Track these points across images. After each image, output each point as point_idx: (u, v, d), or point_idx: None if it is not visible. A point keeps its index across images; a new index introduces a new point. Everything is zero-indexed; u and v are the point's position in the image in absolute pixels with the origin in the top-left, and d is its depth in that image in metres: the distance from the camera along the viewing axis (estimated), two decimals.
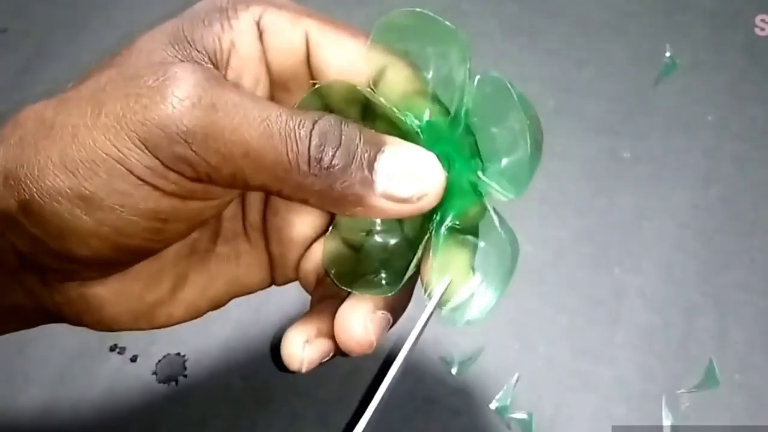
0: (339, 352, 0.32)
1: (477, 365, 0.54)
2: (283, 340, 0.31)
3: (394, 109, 0.30)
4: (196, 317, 0.34)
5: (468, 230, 0.31)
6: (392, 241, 0.34)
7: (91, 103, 0.26)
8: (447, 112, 0.30)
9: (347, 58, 0.31)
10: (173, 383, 0.53)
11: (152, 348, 0.55)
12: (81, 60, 0.73)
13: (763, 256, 0.58)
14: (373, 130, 0.28)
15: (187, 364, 0.54)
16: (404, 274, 0.31)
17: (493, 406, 0.52)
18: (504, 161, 0.29)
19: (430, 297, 0.31)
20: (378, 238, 0.34)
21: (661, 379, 0.53)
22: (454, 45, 0.30)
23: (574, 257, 0.59)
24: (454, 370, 0.54)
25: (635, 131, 0.65)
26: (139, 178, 0.26)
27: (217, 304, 0.35)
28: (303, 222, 0.34)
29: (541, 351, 0.54)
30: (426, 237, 0.31)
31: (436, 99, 0.30)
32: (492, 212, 0.30)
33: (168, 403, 0.53)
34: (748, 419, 0.51)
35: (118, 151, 0.26)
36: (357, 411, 0.30)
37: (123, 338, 0.55)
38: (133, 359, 0.55)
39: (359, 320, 0.30)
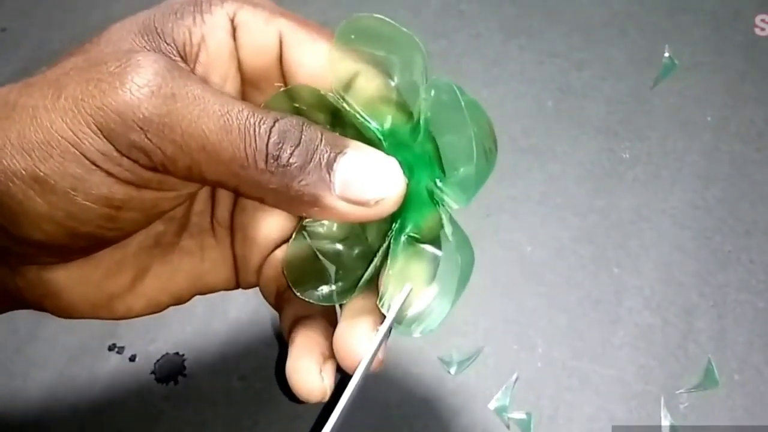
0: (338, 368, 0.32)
1: (475, 365, 0.54)
2: (294, 374, 0.31)
3: (358, 115, 0.30)
4: (156, 311, 0.34)
5: (429, 240, 0.31)
6: (355, 251, 0.33)
7: (53, 86, 0.26)
8: (409, 116, 0.30)
9: (319, 61, 0.31)
10: (172, 383, 0.53)
11: (151, 347, 0.55)
12: None
13: (762, 257, 0.58)
14: (335, 134, 0.28)
15: (186, 364, 0.54)
16: (356, 283, 0.31)
17: (491, 406, 0.52)
18: (461, 170, 0.29)
19: (384, 306, 0.30)
20: (340, 246, 0.33)
21: (660, 379, 0.53)
22: (416, 52, 0.29)
23: (573, 257, 0.59)
24: (452, 370, 0.54)
25: (634, 132, 0.65)
26: (92, 162, 0.26)
27: (179, 300, 0.34)
28: (269, 223, 0.34)
29: (540, 351, 0.54)
30: (384, 245, 0.31)
31: (400, 106, 0.30)
32: (446, 221, 0.30)
33: (167, 403, 0.53)
34: (747, 419, 0.51)
35: (74, 134, 0.25)
36: (317, 423, 0.29)
37: (122, 338, 0.55)
38: (132, 359, 0.55)
39: (362, 342, 0.30)
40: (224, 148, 0.26)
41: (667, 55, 0.68)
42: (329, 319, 0.34)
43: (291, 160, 0.26)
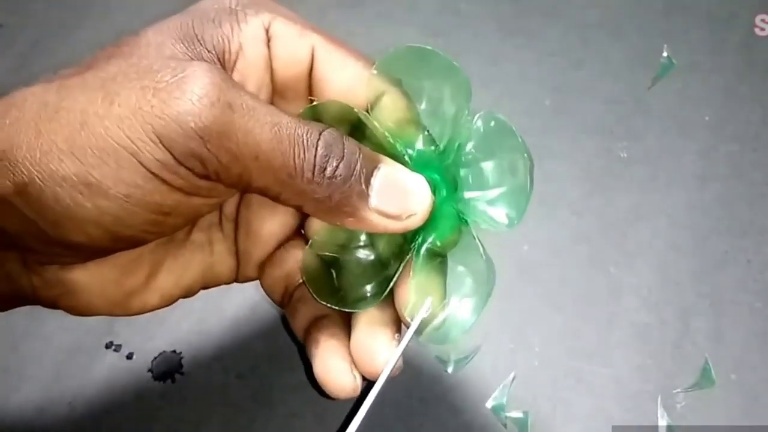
0: None
1: (473, 364, 0.54)
2: (326, 375, 0.32)
3: (386, 134, 0.31)
4: (169, 305, 0.35)
5: (444, 254, 0.33)
6: (367, 258, 0.35)
7: (102, 91, 0.26)
8: (434, 142, 0.32)
9: (348, 80, 0.32)
10: (169, 381, 0.53)
11: (148, 345, 0.55)
12: (77, 56, 0.73)
13: (758, 257, 0.58)
14: (369, 149, 0.30)
15: (183, 362, 0.54)
16: (384, 290, 0.32)
17: (489, 405, 0.52)
18: (497, 192, 0.31)
19: (408, 315, 0.32)
20: (358, 253, 0.35)
21: (657, 379, 0.53)
22: (452, 80, 0.32)
23: (570, 257, 0.59)
24: (449, 369, 0.54)
25: (632, 131, 0.65)
26: (149, 170, 0.26)
27: (189, 293, 0.35)
28: (273, 220, 0.35)
29: (537, 350, 0.54)
30: (407, 257, 0.32)
31: (425, 129, 0.32)
32: (477, 240, 0.32)
33: (164, 401, 0.53)
34: (744, 419, 0.51)
35: (131, 142, 0.26)
36: (345, 422, 0.30)
37: (119, 335, 0.55)
38: (129, 356, 0.54)
39: (383, 352, 0.31)
40: (275, 158, 0.27)
41: (665, 54, 0.68)
42: (345, 316, 0.34)
43: (337, 173, 0.28)
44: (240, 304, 0.56)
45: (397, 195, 0.29)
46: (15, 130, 0.26)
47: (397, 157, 0.31)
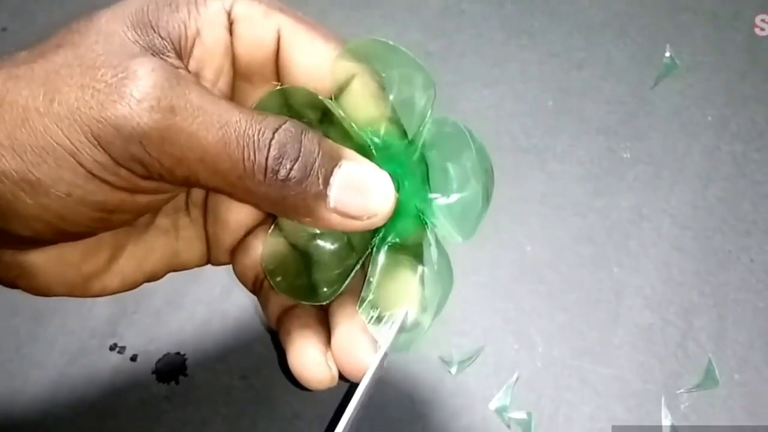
0: None
1: (476, 365, 0.54)
2: (301, 367, 0.31)
3: (352, 124, 0.30)
4: (131, 288, 0.34)
5: (413, 251, 0.32)
6: (334, 246, 0.34)
7: (44, 86, 0.26)
8: (403, 134, 0.31)
9: (316, 62, 0.31)
10: (173, 382, 0.53)
11: (152, 347, 0.55)
12: None
13: (762, 257, 0.58)
14: (331, 141, 0.28)
15: (187, 364, 0.54)
16: (342, 283, 0.32)
17: (492, 406, 0.52)
18: (454, 197, 0.30)
19: (363, 313, 0.31)
20: (320, 242, 0.34)
21: (660, 379, 0.53)
22: (421, 74, 0.30)
23: (574, 257, 0.59)
24: (453, 370, 0.54)
25: (635, 131, 0.65)
26: (89, 171, 0.26)
27: (153, 277, 0.35)
28: (241, 208, 0.34)
29: (541, 351, 0.54)
30: (367, 252, 0.32)
31: (394, 119, 0.30)
32: (433, 245, 0.31)
33: (168, 403, 0.53)
34: (748, 419, 0.51)
35: (70, 143, 0.25)
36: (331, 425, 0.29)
37: (122, 337, 0.55)
38: (133, 358, 0.55)
39: (366, 355, 0.30)
40: (222, 161, 0.26)
41: (668, 54, 0.68)
42: (317, 306, 0.34)
43: (290, 175, 0.26)
44: (243, 305, 0.56)
45: (359, 195, 0.28)
46: None
47: (362, 146, 0.30)
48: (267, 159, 0.26)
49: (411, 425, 0.51)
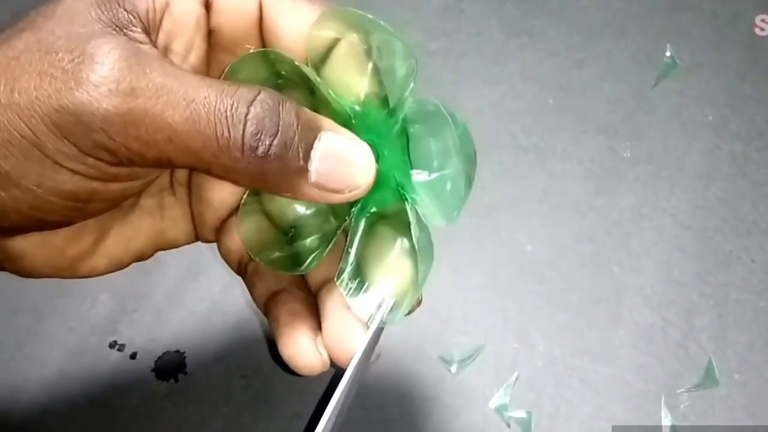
0: None
1: (476, 364, 0.54)
2: (292, 354, 0.31)
3: (329, 91, 0.30)
4: (119, 269, 0.33)
5: (394, 224, 0.31)
6: (312, 210, 0.33)
7: (5, 75, 0.25)
8: (384, 103, 0.30)
9: (301, 26, 0.30)
10: (173, 380, 0.53)
11: (152, 345, 0.55)
12: None
13: (762, 256, 0.58)
14: (309, 111, 0.27)
15: (187, 362, 0.54)
16: (323, 250, 0.31)
17: (492, 404, 0.52)
18: (435, 175, 0.29)
19: (342, 284, 0.31)
20: (298, 207, 0.33)
21: (661, 379, 0.53)
22: (399, 43, 0.29)
23: (574, 257, 0.59)
24: (453, 369, 0.54)
25: (635, 131, 0.65)
26: (55, 162, 0.25)
27: (141, 257, 0.34)
28: (222, 187, 0.33)
29: (541, 350, 0.54)
30: (347, 222, 0.31)
31: (375, 86, 0.30)
32: (413, 221, 0.30)
33: (167, 401, 0.53)
34: (748, 419, 0.51)
35: (33, 134, 0.24)
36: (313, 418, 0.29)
37: (122, 335, 0.55)
38: (133, 356, 0.55)
39: (355, 339, 0.30)
40: (193, 139, 0.25)
41: (668, 54, 0.68)
42: (304, 290, 0.33)
43: (271, 151, 0.25)
44: (243, 304, 0.56)
45: (339, 168, 0.27)
46: None
47: (340, 114, 0.29)
48: (244, 135, 0.25)
49: (411, 423, 0.51)
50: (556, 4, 0.73)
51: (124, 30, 0.26)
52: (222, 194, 0.34)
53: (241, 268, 0.35)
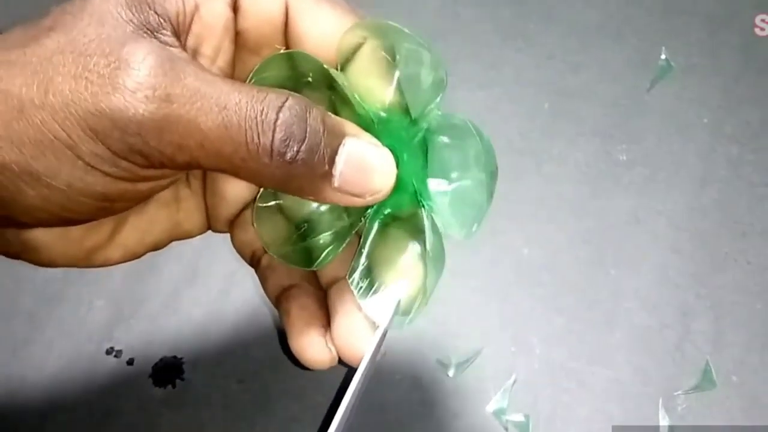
0: None
1: (474, 367, 0.54)
2: (301, 349, 0.31)
3: (355, 95, 0.30)
4: (133, 259, 0.34)
5: (408, 227, 0.32)
6: (328, 208, 0.34)
7: (38, 75, 0.25)
8: (406, 109, 0.30)
9: (326, 30, 0.30)
10: (170, 386, 0.53)
11: (149, 351, 0.55)
12: None
13: (758, 258, 0.58)
14: (334, 117, 0.28)
15: (184, 367, 0.54)
16: (336, 247, 0.32)
17: (490, 408, 0.52)
18: (454, 185, 0.30)
19: (353, 283, 0.31)
20: (314, 205, 0.33)
21: (658, 381, 0.53)
22: (428, 53, 0.30)
23: (570, 259, 0.59)
24: (450, 373, 0.54)
25: (631, 134, 0.65)
26: (88, 164, 0.25)
27: (156, 247, 0.34)
28: (237, 182, 0.33)
29: (538, 353, 0.54)
30: (362, 222, 0.32)
31: (400, 93, 0.30)
32: (428, 228, 0.30)
33: (165, 407, 0.53)
34: (745, 420, 0.51)
35: (68, 136, 0.25)
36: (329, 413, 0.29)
37: (119, 341, 0.55)
38: (130, 362, 0.55)
39: (365, 339, 0.31)
40: (224, 144, 0.25)
41: (663, 57, 0.68)
42: (316, 286, 0.34)
43: (298, 157, 0.26)
44: (240, 309, 0.56)
45: (362, 173, 0.28)
46: None
47: (363, 118, 0.30)
48: (273, 141, 0.26)
49: (409, 427, 0.51)
50: (552, 8, 0.74)
51: (155, 33, 0.27)
52: (237, 188, 0.34)
53: (254, 260, 0.35)
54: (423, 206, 0.31)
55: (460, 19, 0.73)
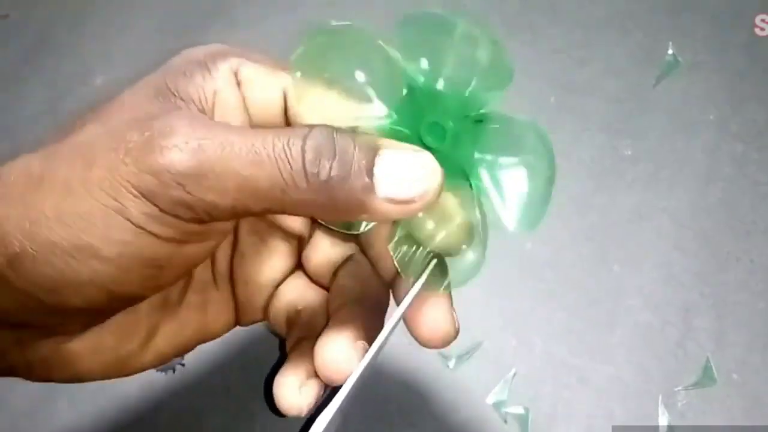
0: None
1: (474, 360, 0.54)
2: (276, 388, 0.31)
3: (406, 69, 0.30)
4: (162, 364, 0.34)
5: (455, 202, 0.31)
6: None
7: (80, 157, 0.27)
8: (463, 86, 0.30)
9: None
10: (171, 372, 0.53)
11: None
12: (82, 49, 0.73)
13: (761, 257, 0.58)
14: (366, 134, 0.28)
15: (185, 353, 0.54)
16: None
17: (489, 400, 0.52)
18: (505, 170, 0.30)
19: (390, 249, 0.31)
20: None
21: (658, 378, 0.53)
22: (485, 34, 0.30)
23: (573, 255, 0.59)
24: (451, 365, 0.54)
25: (636, 130, 0.65)
26: (137, 225, 0.26)
27: (184, 351, 0.35)
28: (270, 266, 0.35)
29: (539, 348, 0.54)
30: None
31: (455, 68, 0.30)
32: (476, 208, 0.30)
33: (166, 392, 0.53)
34: (745, 419, 0.51)
35: (115, 200, 0.26)
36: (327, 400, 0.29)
37: None
38: None
39: (341, 352, 0.30)
40: (260, 181, 0.26)
41: (670, 52, 0.68)
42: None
43: (332, 173, 0.26)
44: None
45: (405, 179, 0.28)
46: (4, 204, 0.26)
47: (416, 90, 0.30)
48: (304, 164, 0.26)
49: (409, 418, 0.51)
50: (558, 3, 0.74)
51: (183, 110, 0.29)
52: (269, 272, 0.35)
53: (288, 324, 0.35)
54: (471, 185, 0.30)
55: (465, 13, 0.73)
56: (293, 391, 0.31)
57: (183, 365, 0.53)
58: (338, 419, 0.29)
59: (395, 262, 0.31)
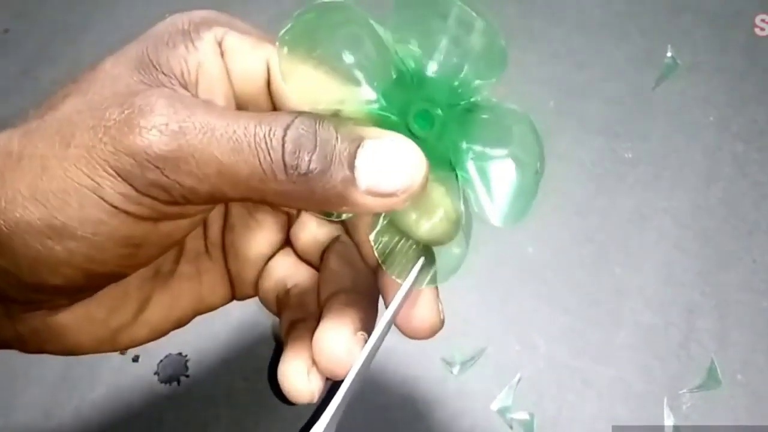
0: None
1: (478, 366, 0.54)
2: (282, 377, 0.30)
3: (397, 51, 0.29)
4: (159, 337, 0.34)
5: (440, 193, 0.30)
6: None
7: (59, 134, 0.26)
8: (454, 72, 0.29)
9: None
10: (175, 383, 0.53)
11: (154, 348, 0.55)
12: (82, 61, 0.73)
13: (763, 257, 0.58)
14: (351, 125, 0.27)
15: (189, 364, 0.54)
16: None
17: (494, 406, 0.52)
18: (491, 161, 0.29)
19: (371, 238, 0.30)
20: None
21: (662, 380, 0.53)
22: (481, 20, 0.29)
23: (575, 257, 0.59)
24: (455, 371, 0.54)
25: (636, 132, 0.65)
26: (112, 205, 0.26)
27: (180, 323, 0.35)
28: (258, 239, 0.34)
29: (542, 351, 0.54)
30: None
31: (446, 53, 0.29)
32: (460, 192, 0.29)
33: (170, 404, 0.53)
34: (750, 419, 0.51)
35: (91, 179, 0.25)
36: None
37: None
38: (135, 359, 0.55)
39: (342, 344, 0.30)
40: (240, 168, 0.26)
41: (669, 54, 0.68)
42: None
43: (311, 167, 0.26)
44: (245, 307, 0.56)
45: (388, 172, 0.27)
46: None
47: (404, 74, 0.29)
48: (283, 156, 0.26)
49: (413, 425, 0.51)
50: (557, 6, 0.74)
51: (165, 86, 0.28)
52: (258, 246, 0.35)
53: (279, 304, 0.35)
54: (456, 176, 0.29)
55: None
56: (302, 377, 0.30)
57: (187, 377, 0.53)
58: (340, 413, 0.29)
59: (375, 254, 0.30)
